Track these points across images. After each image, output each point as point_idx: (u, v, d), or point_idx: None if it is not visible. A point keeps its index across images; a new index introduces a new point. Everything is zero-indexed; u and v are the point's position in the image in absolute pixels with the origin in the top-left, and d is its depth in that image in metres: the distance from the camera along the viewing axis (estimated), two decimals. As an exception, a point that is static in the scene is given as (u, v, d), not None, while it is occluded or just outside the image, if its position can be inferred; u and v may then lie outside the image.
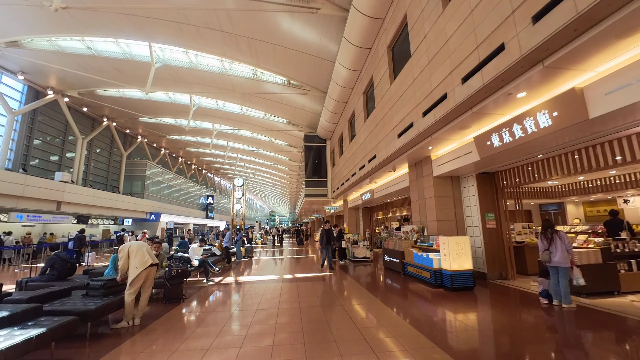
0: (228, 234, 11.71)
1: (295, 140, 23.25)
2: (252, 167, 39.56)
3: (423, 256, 7.65)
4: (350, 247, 12.46)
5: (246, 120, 21.87)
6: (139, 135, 29.45)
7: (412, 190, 9.97)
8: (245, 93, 17.43)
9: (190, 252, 8.53)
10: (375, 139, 10.24)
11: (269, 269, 10.98)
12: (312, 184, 19.75)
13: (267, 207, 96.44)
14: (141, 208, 27.58)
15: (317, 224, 34.38)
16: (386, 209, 17.07)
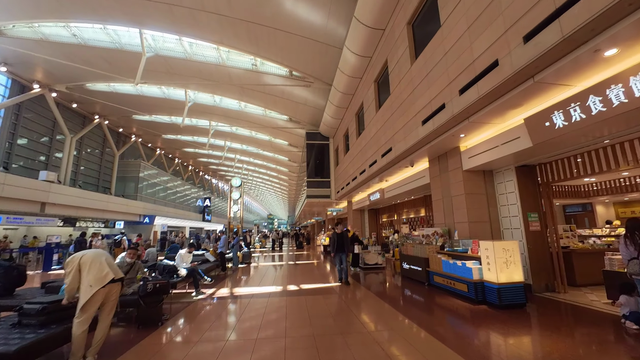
0: (223, 238, 10.32)
1: (296, 139, 21.92)
2: (250, 169, 38.17)
3: (457, 265, 6.30)
4: (361, 252, 11.11)
5: (244, 117, 20.53)
6: (133, 134, 28.01)
7: (433, 188, 8.65)
8: (244, 86, 16.12)
9: (178, 259, 7.12)
10: (391, 129, 8.93)
11: (270, 278, 9.56)
12: (314, 185, 18.40)
13: (266, 210, 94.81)
14: (134, 210, 26.07)
15: (318, 227, 32.95)
16: (395, 211, 15.74)
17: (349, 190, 14.90)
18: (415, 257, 8.14)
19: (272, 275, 9.97)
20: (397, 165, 9.43)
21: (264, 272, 10.78)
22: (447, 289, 6.62)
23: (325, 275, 9.87)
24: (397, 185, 11.47)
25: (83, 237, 13.63)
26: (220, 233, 10.77)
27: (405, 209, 14.53)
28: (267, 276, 9.85)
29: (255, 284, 8.51)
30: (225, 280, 9.19)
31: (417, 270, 7.91)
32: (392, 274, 9.81)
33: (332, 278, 9.31)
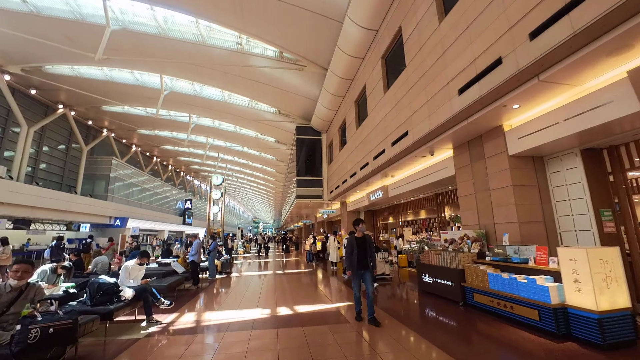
0: (195, 244, 8.13)
1: (284, 135, 19.91)
2: (235, 169, 35.72)
3: (516, 281, 4.47)
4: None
5: (228, 109, 18.36)
6: (105, 128, 25.18)
7: (461, 181, 6.87)
8: (228, 71, 14.05)
9: (122, 274, 4.96)
10: (407, 110, 7.14)
11: (253, 294, 7.44)
12: (305, 184, 16.43)
13: (251, 213, 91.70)
14: (103, 212, 23.18)
15: (306, 231, 30.83)
16: (397, 212, 13.94)
17: (345, 189, 13.02)
18: (442, 268, 6.28)
19: (256, 291, 7.86)
20: (413, 154, 7.61)
21: (246, 286, 8.65)
22: (499, 313, 4.78)
23: (325, 291, 7.87)
24: (406, 181, 9.67)
25: (60, 240, 11.18)
26: (192, 237, 8.50)
27: (410, 209, 12.75)
28: (251, 292, 7.73)
29: (233, 304, 6.38)
30: (194, 299, 7.01)
31: (447, 286, 6.05)
32: (405, 288, 7.94)
33: (334, 295, 7.34)
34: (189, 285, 8.28)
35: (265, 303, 6.38)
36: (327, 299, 6.72)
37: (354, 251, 5.04)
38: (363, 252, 5.08)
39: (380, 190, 11.25)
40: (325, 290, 7.77)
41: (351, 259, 5.04)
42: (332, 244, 11.57)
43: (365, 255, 5.07)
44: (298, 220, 33.68)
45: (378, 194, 11.49)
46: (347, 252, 5.16)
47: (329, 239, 16.21)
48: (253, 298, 6.92)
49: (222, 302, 6.59)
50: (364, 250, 5.09)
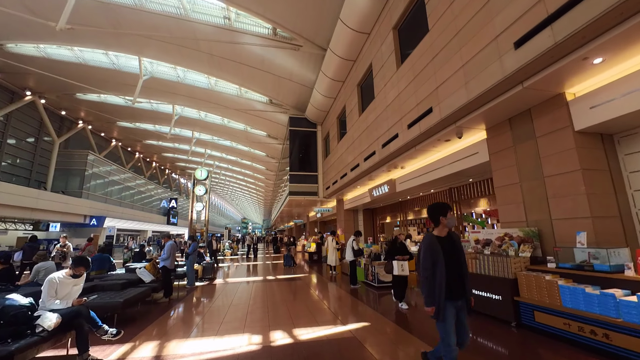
0: (168, 246, 6.52)
1: (276, 128, 18.36)
2: (223, 167, 33.84)
3: (612, 298, 3.12)
4: (370, 264, 7.80)
5: (215, 98, 16.69)
6: (80, 119, 23.02)
7: (497, 169, 5.54)
8: (214, 52, 12.44)
9: (45, 291, 3.35)
10: (431, 82, 5.78)
11: (239, 311, 5.84)
12: (298, 179, 14.93)
13: (240, 214, 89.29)
14: (77, 210, 21.07)
15: (297, 232, 29.25)
16: (399, 210, 12.59)
17: (344, 184, 11.61)
18: (482, 277, 4.90)
19: (243, 305, 6.31)
20: (435, 137, 6.24)
21: (231, 297, 7.09)
22: (583, 343, 3.42)
23: (330, 305, 6.40)
24: (420, 172, 8.31)
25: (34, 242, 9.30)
26: (165, 238, 6.86)
27: (416, 206, 11.41)
28: (236, 307, 6.17)
29: (211, 328, 4.80)
30: (160, 320, 5.37)
31: (491, 300, 4.67)
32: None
33: (342, 310, 5.87)
34: (160, 297, 6.66)
35: (254, 325, 4.85)
36: (335, 317, 5.25)
37: (439, 265, 2.59)
38: (455, 265, 2.69)
39: (385, 185, 9.87)
40: (330, 304, 6.29)
41: (435, 281, 2.58)
42: (330, 246, 10.12)
43: (459, 270, 2.71)
44: (289, 220, 32.09)
45: (383, 190, 10.11)
46: (424, 267, 2.66)
47: (324, 239, 14.74)
48: (238, 317, 5.37)
49: (196, 325, 5.00)
50: (457, 262, 2.71)
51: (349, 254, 7.84)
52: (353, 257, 7.80)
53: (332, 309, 5.75)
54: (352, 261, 7.81)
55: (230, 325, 4.81)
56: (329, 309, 5.74)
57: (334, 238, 10.04)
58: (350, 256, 7.83)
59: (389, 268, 6.02)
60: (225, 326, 4.79)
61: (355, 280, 7.74)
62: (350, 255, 7.83)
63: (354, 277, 7.74)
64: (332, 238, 10.05)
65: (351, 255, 7.80)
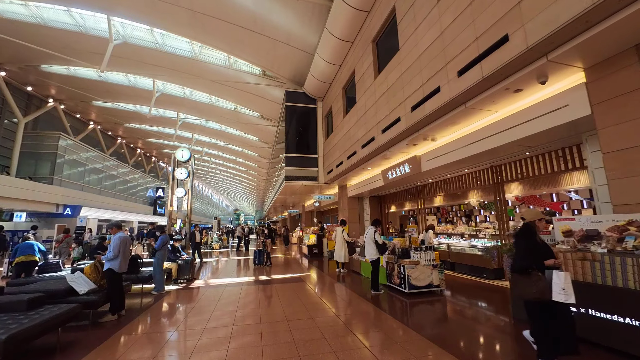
0: (116, 239, 4.43)
1: (270, 107, 16.15)
2: (212, 154, 31.43)
3: None
4: (396, 263, 5.85)
5: (200, 70, 14.33)
6: (51, 97, 20.31)
7: (606, 125, 3.60)
8: (196, 7, 10.15)
9: None
10: (499, 5, 3.78)
11: (220, 343, 3.86)
12: (296, 162, 12.86)
13: (232, 205, 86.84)
14: (47, 198, 18.56)
15: (292, 223, 27.27)
16: (418, 196, 10.64)
17: (352, 166, 9.65)
18: (615, 291, 3.01)
19: (224, 331, 4.29)
20: (504, 84, 4.25)
21: (209, 312, 5.07)
22: None
23: (358, 328, 4.45)
24: (459, 144, 6.30)
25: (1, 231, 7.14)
26: (114, 228, 4.70)
27: (440, 192, 9.48)
28: (212, 334, 4.14)
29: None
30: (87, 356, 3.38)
31: (629, 328, 2.80)
32: (495, 321, 4.65)
33: (381, 336, 3.93)
34: (106, 312, 4.61)
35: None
36: (372, 355, 3.30)
37: None
38: None
39: (406, 164, 7.90)
40: (356, 325, 4.33)
41: None
42: (338, 238, 8.21)
43: None
44: (283, 210, 30.06)
45: (402, 170, 8.15)
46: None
47: (324, 230, 12.84)
48: (216, 348, 3.38)
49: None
50: None
51: (371, 250, 5.86)
52: (377, 255, 5.83)
53: (364, 338, 3.79)
54: (375, 260, 5.84)
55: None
56: (361, 340, 3.77)
57: (344, 229, 8.08)
58: (372, 253, 5.84)
59: (538, 288, 2.65)
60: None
61: (377, 284, 5.81)
62: (372, 252, 5.84)
63: (375, 281, 5.81)
64: (343, 229, 8.10)
65: (374, 252, 5.82)
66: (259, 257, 10.20)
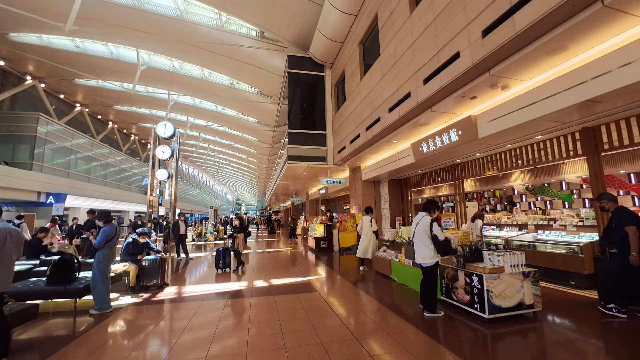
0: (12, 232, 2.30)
1: (270, 81, 13.82)
2: (210, 140, 29.17)
3: None
4: (462, 269, 3.66)
5: (187, 34, 11.96)
6: (28, 74, 18.00)
7: None
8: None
9: None
10: None
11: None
12: (300, 140, 10.64)
13: (234, 195, 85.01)
14: (26, 185, 16.51)
15: (295, 213, 25.17)
16: (448, 179, 8.40)
17: (372, 139, 7.47)
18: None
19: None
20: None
21: (168, 346, 2.97)
22: None
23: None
24: (557, 87, 4.04)
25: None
26: None
27: (488, 169, 7.17)
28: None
29: None
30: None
31: None
32: None
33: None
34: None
35: None
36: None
37: None
38: None
39: (453, 130, 5.67)
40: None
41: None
42: (365, 230, 6.10)
43: None
44: (285, 199, 27.93)
45: (445, 139, 5.92)
46: None
47: (334, 220, 10.72)
48: None
49: None
50: None
51: (425, 249, 3.62)
52: (435, 258, 3.62)
53: None
54: (432, 267, 3.66)
55: None
56: None
57: (372, 217, 5.94)
58: (429, 255, 3.57)
59: None
60: None
61: (435, 304, 3.65)
62: (428, 252, 3.58)
63: (432, 298, 3.64)
64: (371, 218, 5.96)
65: (431, 254, 3.60)
66: (224, 259, 6.80)
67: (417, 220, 3.73)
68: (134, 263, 5.03)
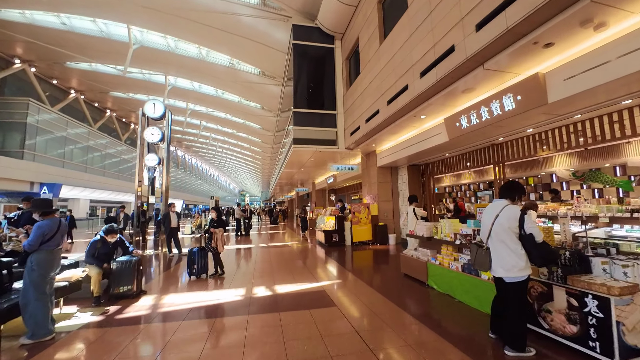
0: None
1: (273, 59, 12.40)
2: (211, 128, 27.88)
3: None
4: (563, 285, 2.36)
5: (180, 3, 10.57)
6: (17, 57, 16.72)
7: None
8: None
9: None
10: None
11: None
12: (307, 120, 9.30)
13: (238, 186, 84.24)
14: (18, 174, 15.50)
15: (301, 203, 23.98)
16: (483, 163, 7.05)
17: (393, 116, 6.15)
18: None
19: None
20: None
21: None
22: None
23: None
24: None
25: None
26: None
27: (532, 149, 5.80)
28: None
29: None
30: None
31: None
32: None
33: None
34: None
35: None
36: None
37: None
38: None
39: (509, 95, 4.30)
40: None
41: None
42: (412, 222, 4.91)
43: None
44: (290, 189, 26.74)
45: (496, 109, 4.55)
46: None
47: (345, 211, 9.49)
48: None
49: None
50: None
51: (512, 256, 2.23)
52: (527, 270, 2.26)
53: None
54: (521, 282, 2.31)
55: None
56: None
57: (415, 207, 4.71)
58: (519, 265, 2.20)
59: None
60: None
61: (524, 337, 2.37)
62: (517, 260, 2.21)
63: (520, 328, 2.32)
64: (414, 207, 4.74)
65: (522, 263, 2.26)
66: (199, 262, 5.20)
67: (495, 211, 2.44)
68: (99, 267, 3.84)
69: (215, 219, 5.44)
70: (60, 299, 3.53)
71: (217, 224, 5.37)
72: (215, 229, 5.31)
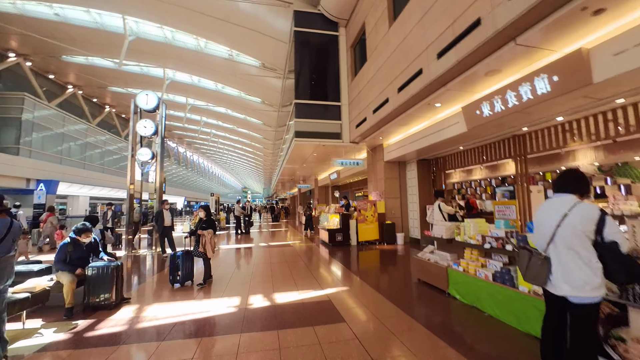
0: None
1: (273, 49, 11.78)
2: (212, 124, 27.33)
3: None
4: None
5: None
6: (10, 50, 16.21)
7: None
8: None
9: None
10: None
11: None
12: (309, 112, 8.71)
13: (240, 183, 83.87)
14: (13, 171, 15.08)
15: (303, 201, 23.41)
16: (503, 155, 6.43)
17: (405, 104, 5.57)
18: None
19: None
20: None
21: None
22: None
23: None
24: None
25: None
26: None
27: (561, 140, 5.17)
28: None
29: None
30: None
31: None
32: None
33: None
34: None
35: None
36: None
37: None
38: None
39: (543, 76, 3.71)
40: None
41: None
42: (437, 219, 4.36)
43: None
44: (292, 185, 26.18)
45: (532, 89, 3.94)
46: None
47: (350, 208, 8.93)
48: None
49: None
50: None
51: (583, 269, 1.59)
52: (602, 290, 1.61)
53: None
54: (593, 306, 1.69)
55: None
56: None
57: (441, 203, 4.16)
58: (590, 281, 1.58)
59: None
60: None
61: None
62: (589, 273, 1.58)
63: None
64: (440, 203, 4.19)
65: (597, 279, 1.61)
66: (184, 269, 4.59)
67: (561, 209, 1.85)
68: (71, 273, 3.32)
69: (204, 219, 4.87)
70: (23, 313, 3.01)
71: (205, 225, 4.80)
72: (203, 231, 4.71)
